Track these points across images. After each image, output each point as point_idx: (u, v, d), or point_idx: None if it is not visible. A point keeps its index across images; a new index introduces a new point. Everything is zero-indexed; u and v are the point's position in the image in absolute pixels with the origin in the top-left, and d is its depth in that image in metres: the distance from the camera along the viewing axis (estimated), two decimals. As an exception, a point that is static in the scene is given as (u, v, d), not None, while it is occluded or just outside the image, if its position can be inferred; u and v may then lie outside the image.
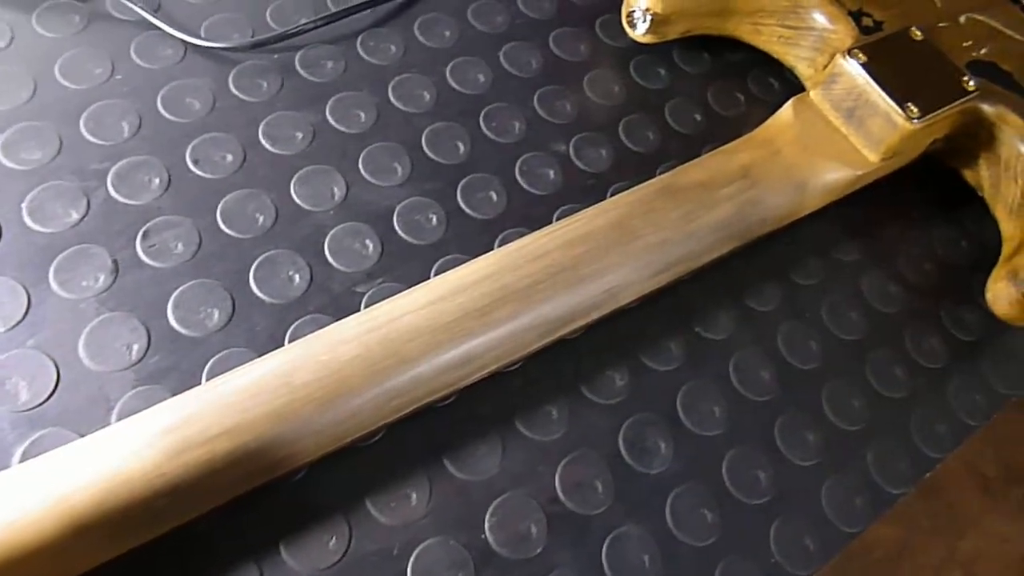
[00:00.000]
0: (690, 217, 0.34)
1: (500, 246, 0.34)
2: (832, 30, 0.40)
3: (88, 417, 0.29)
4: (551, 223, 0.33)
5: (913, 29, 0.38)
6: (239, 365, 0.28)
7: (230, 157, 0.36)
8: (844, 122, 0.37)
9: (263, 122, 0.37)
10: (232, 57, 0.39)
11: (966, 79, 0.37)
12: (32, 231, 0.32)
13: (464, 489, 0.30)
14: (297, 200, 0.35)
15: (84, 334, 0.30)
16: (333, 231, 0.35)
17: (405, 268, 0.34)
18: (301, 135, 0.37)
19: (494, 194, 0.37)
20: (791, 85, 0.44)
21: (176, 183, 0.35)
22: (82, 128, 0.35)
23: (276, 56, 0.40)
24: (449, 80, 0.41)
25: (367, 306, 0.32)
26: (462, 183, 0.37)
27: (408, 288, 0.31)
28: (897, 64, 0.37)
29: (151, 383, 0.30)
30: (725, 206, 0.34)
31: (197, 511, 0.27)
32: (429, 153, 0.38)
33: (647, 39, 0.42)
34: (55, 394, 0.29)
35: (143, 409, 0.26)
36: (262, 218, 0.34)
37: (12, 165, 0.34)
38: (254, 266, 0.33)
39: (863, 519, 0.32)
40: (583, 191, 0.38)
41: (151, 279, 0.32)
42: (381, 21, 0.42)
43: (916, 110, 0.35)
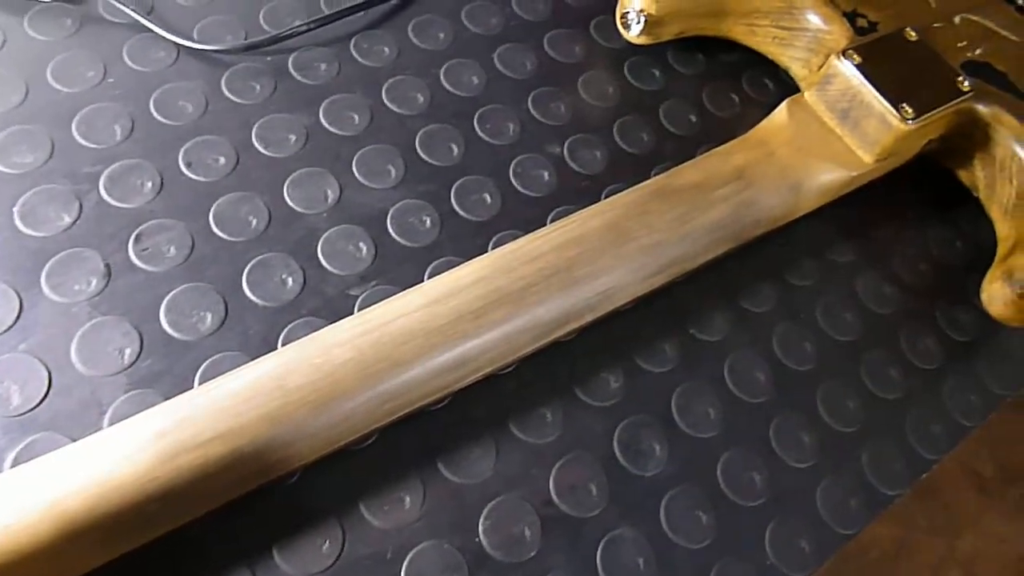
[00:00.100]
0: (685, 219, 0.34)
1: (494, 248, 0.34)
2: (827, 31, 0.40)
3: (80, 421, 0.29)
4: (545, 225, 0.33)
5: (908, 30, 0.38)
6: (232, 369, 0.28)
7: (223, 160, 0.36)
8: (839, 123, 0.37)
9: (256, 124, 0.37)
10: (225, 59, 0.39)
11: (961, 79, 0.37)
12: (24, 235, 0.32)
13: (458, 492, 0.30)
14: (290, 203, 0.35)
15: (76, 338, 0.30)
16: (326, 234, 0.34)
17: (399, 271, 0.34)
18: (294, 137, 0.37)
19: (488, 196, 0.37)
20: (786, 86, 0.44)
21: (169, 186, 0.34)
22: (74, 131, 0.35)
23: (269, 58, 0.39)
24: (443, 82, 0.41)
25: (361, 309, 0.32)
26: (456, 185, 0.37)
27: (402, 291, 0.31)
28: (892, 65, 0.37)
29: (144, 387, 0.30)
30: (720, 207, 0.34)
31: (190, 515, 0.26)
32: (423, 155, 0.38)
33: (641, 40, 0.42)
34: (47, 398, 0.29)
35: (136, 413, 0.26)
36: (255, 221, 0.34)
37: (4, 169, 0.34)
38: (247, 269, 0.33)
39: (858, 520, 0.32)
40: (578, 193, 0.38)
41: (144, 283, 0.32)
42: (375, 23, 0.42)
43: (911, 111, 0.35)
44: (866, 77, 0.36)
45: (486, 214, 0.37)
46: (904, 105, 0.35)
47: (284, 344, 0.31)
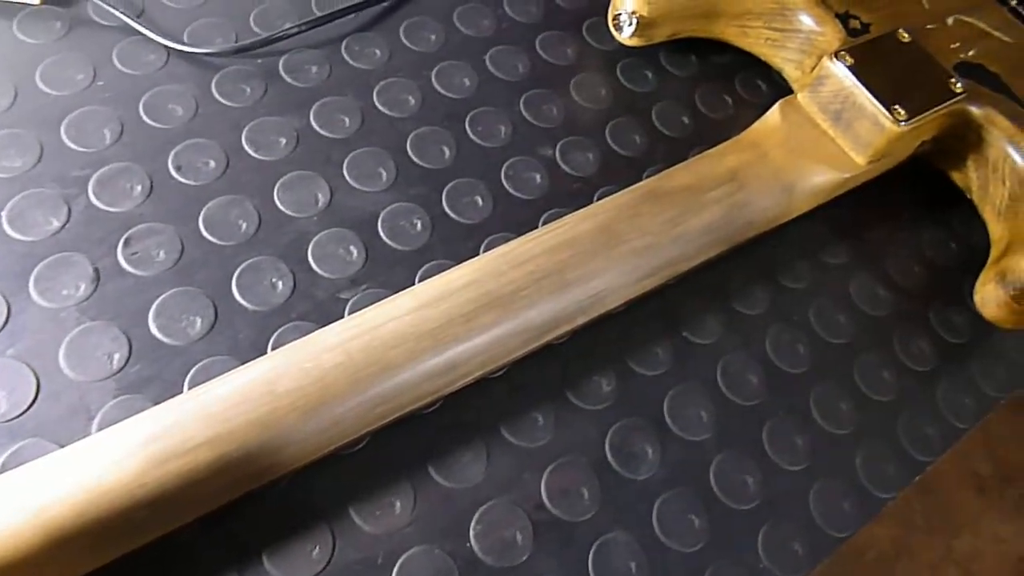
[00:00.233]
0: (677, 221, 0.34)
1: (485, 251, 0.34)
2: (819, 32, 0.39)
3: (69, 427, 0.29)
4: (537, 228, 0.33)
5: (900, 31, 0.38)
6: (222, 373, 0.28)
7: (213, 163, 0.35)
8: (832, 125, 0.37)
9: (246, 128, 0.37)
10: (215, 62, 0.39)
11: (953, 81, 0.37)
12: (12, 239, 0.32)
13: (449, 497, 0.30)
14: (280, 206, 0.35)
15: (65, 343, 0.30)
16: (317, 237, 0.34)
17: (389, 274, 0.34)
18: (285, 141, 0.37)
19: (479, 199, 0.37)
20: (779, 87, 0.44)
21: (158, 190, 0.34)
22: (63, 135, 0.35)
23: (260, 61, 0.39)
24: (434, 84, 0.41)
25: (351, 313, 0.32)
26: (447, 188, 0.37)
27: (393, 294, 0.30)
28: (884, 66, 0.37)
29: (132, 392, 0.30)
30: (712, 209, 0.34)
31: (179, 521, 0.26)
32: (414, 158, 0.38)
33: (633, 42, 0.42)
34: (35, 404, 0.29)
35: (124, 419, 0.26)
36: (245, 225, 0.34)
37: (-8, 173, 0.34)
38: (237, 273, 0.33)
39: (852, 523, 0.32)
40: (570, 195, 0.38)
41: (133, 287, 0.32)
42: (366, 25, 0.42)
43: (903, 112, 0.35)
44: (859, 79, 0.36)
45: (477, 217, 0.36)
46: (897, 107, 0.35)
47: (274, 348, 0.31)
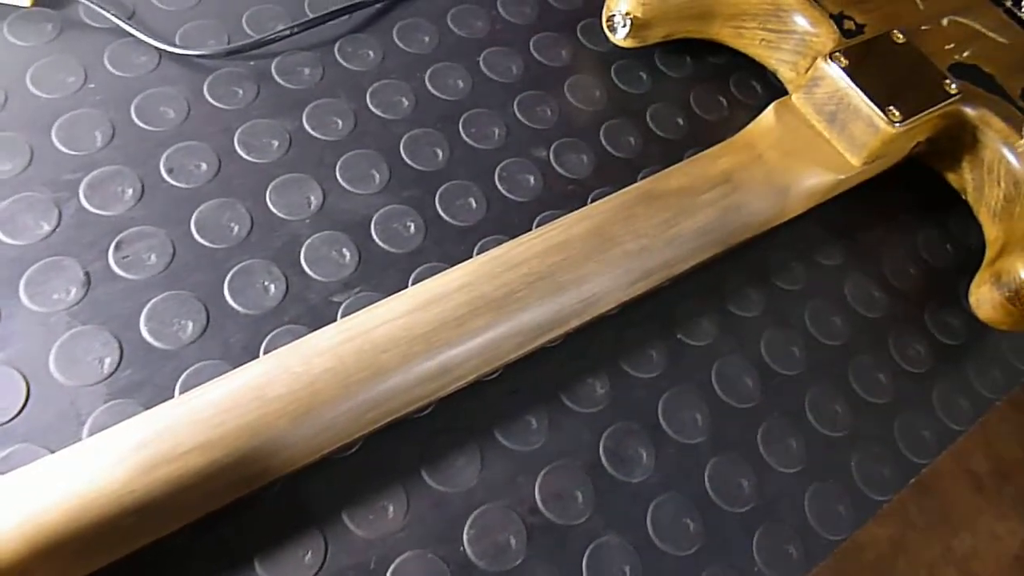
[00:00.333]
0: (671, 223, 0.33)
1: (479, 254, 0.33)
2: (814, 33, 0.39)
3: (59, 433, 0.28)
4: (531, 230, 0.33)
5: (895, 32, 0.38)
6: (213, 378, 0.28)
7: (205, 166, 0.35)
8: (826, 126, 0.37)
9: (238, 130, 0.37)
10: (207, 64, 0.39)
11: (948, 82, 0.37)
12: (2, 243, 0.32)
13: (442, 501, 0.30)
14: (273, 209, 0.35)
15: (55, 348, 0.30)
16: (309, 240, 0.34)
17: (383, 277, 0.34)
18: (277, 143, 0.37)
19: (473, 201, 0.37)
20: (774, 88, 0.44)
21: (150, 193, 0.34)
22: (54, 138, 0.35)
23: (252, 63, 0.39)
24: (428, 86, 0.40)
25: (344, 316, 0.32)
26: (440, 190, 0.37)
27: (386, 297, 0.30)
28: (879, 67, 0.37)
29: (123, 397, 0.29)
30: (706, 211, 0.34)
31: (169, 528, 0.26)
32: (407, 160, 0.37)
33: (628, 43, 0.42)
34: (25, 409, 0.29)
35: (115, 424, 0.26)
36: (237, 228, 0.34)
37: (-17, 176, 0.33)
38: (229, 276, 0.33)
39: (847, 526, 0.32)
40: (564, 197, 0.38)
41: (124, 291, 0.31)
42: (359, 27, 0.42)
43: (898, 114, 0.35)
44: (853, 80, 0.36)
45: (471, 219, 0.36)
46: (891, 108, 0.35)
47: (266, 352, 0.31)
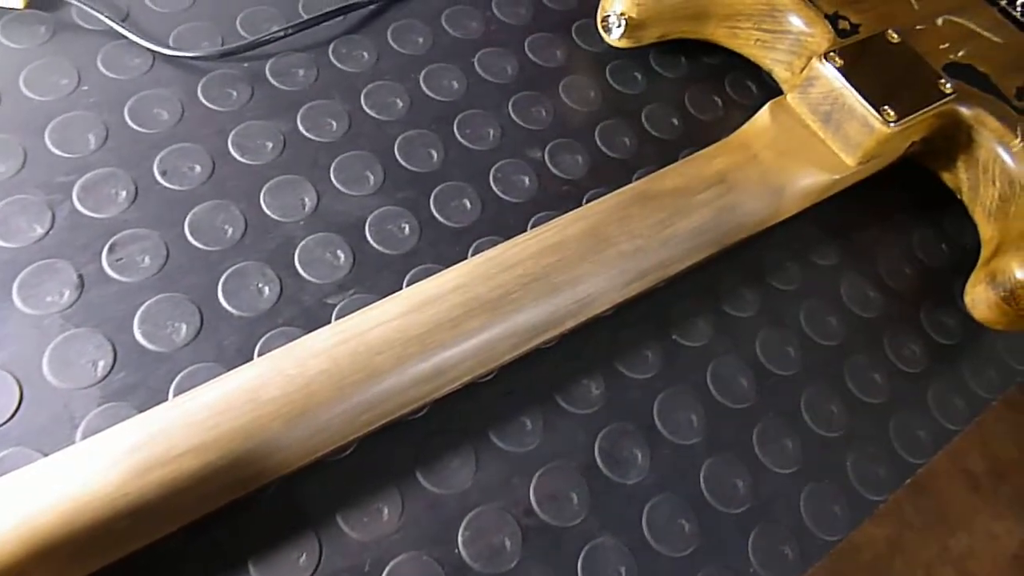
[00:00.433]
0: (665, 224, 0.33)
1: (474, 255, 0.33)
2: (809, 33, 0.39)
3: (52, 436, 0.28)
4: (526, 231, 0.33)
5: (890, 32, 0.38)
6: (207, 380, 0.28)
7: (198, 168, 0.35)
8: (821, 126, 0.37)
9: (232, 132, 0.37)
10: (201, 66, 0.39)
11: (943, 82, 0.37)
12: (-4, 246, 0.32)
13: (437, 503, 0.29)
14: (267, 211, 0.35)
15: (48, 351, 0.30)
16: (304, 242, 0.34)
17: (377, 279, 0.34)
18: (271, 144, 0.37)
19: (468, 202, 0.37)
20: (769, 88, 0.44)
21: (143, 195, 0.34)
22: (47, 140, 0.35)
23: (246, 65, 0.39)
24: (423, 87, 0.40)
25: (338, 318, 0.32)
26: (435, 191, 0.37)
27: (380, 299, 0.30)
28: (874, 67, 0.37)
29: (117, 400, 0.29)
30: (701, 212, 0.34)
31: (163, 531, 0.26)
32: (402, 161, 0.37)
33: (623, 44, 0.42)
34: (18, 413, 0.28)
35: (109, 427, 0.26)
36: (231, 230, 0.34)
37: (-24, 179, 0.33)
38: (223, 279, 0.33)
39: (843, 526, 0.32)
40: (559, 198, 0.38)
41: (117, 294, 0.31)
42: (354, 28, 0.42)
43: (893, 114, 0.35)
44: (848, 80, 0.36)
45: (466, 220, 0.36)
46: (886, 108, 0.35)
47: (260, 354, 0.31)
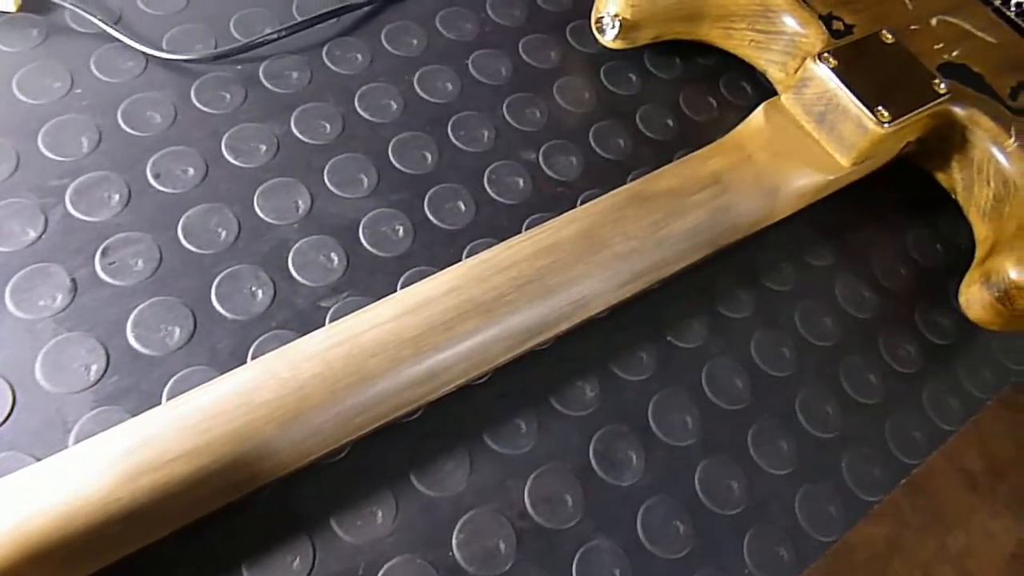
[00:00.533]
0: (660, 225, 0.33)
1: (468, 257, 0.33)
2: (803, 34, 0.39)
3: (45, 440, 0.28)
4: (520, 233, 0.33)
5: (884, 32, 0.38)
6: (201, 384, 0.27)
7: (192, 171, 0.35)
8: (816, 127, 0.37)
9: (226, 135, 0.37)
10: (195, 69, 0.38)
11: (937, 82, 0.37)
12: (-12, 250, 0.32)
13: (431, 505, 0.29)
14: (260, 214, 0.35)
15: (41, 355, 0.30)
16: (297, 245, 0.34)
17: (371, 281, 0.34)
18: (265, 147, 0.37)
19: (462, 204, 0.37)
20: (764, 89, 0.44)
21: (136, 199, 0.34)
22: (40, 144, 0.35)
23: (240, 67, 0.39)
24: (417, 89, 0.40)
25: (332, 321, 0.32)
26: (429, 193, 0.37)
27: (374, 302, 0.30)
28: (868, 68, 0.37)
29: (110, 404, 0.29)
30: (696, 213, 0.34)
31: (155, 536, 0.26)
32: (396, 163, 0.37)
33: (617, 45, 0.42)
34: (11, 417, 0.28)
35: (102, 431, 0.26)
36: (224, 233, 0.34)
37: (-32, 183, 0.33)
38: (216, 282, 0.32)
39: (838, 527, 0.32)
40: (553, 199, 0.38)
41: (110, 297, 0.31)
42: (348, 30, 0.42)
43: (887, 114, 0.35)
44: (842, 80, 0.36)
45: (460, 222, 0.36)
46: (880, 108, 0.35)
47: (254, 358, 0.31)
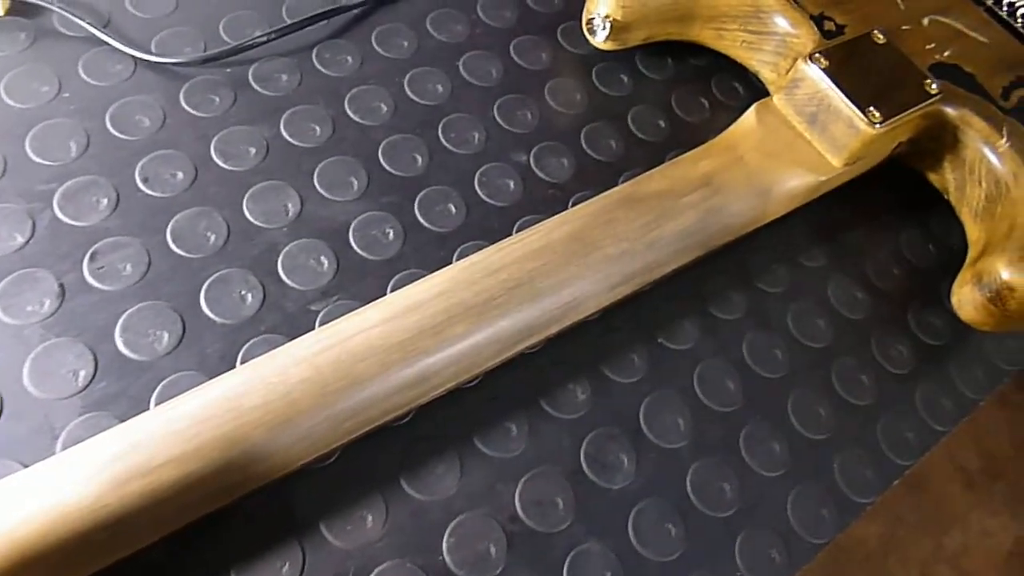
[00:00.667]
0: (651, 226, 0.33)
1: (458, 260, 0.33)
2: (794, 34, 0.39)
3: (32, 447, 0.28)
4: (511, 235, 0.33)
5: (875, 32, 0.38)
6: (190, 389, 0.27)
7: (180, 175, 0.35)
8: (807, 127, 0.37)
9: (215, 138, 0.36)
10: (183, 72, 0.38)
11: (929, 82, 0.37)
12: (-25, 255, 0.32)
13: (421, 509, 0.29)
14: (250, 217, 0.34)
15: (28, 361, 0.29)
16: (287, 248, 0.34)
17: (361, 285, 0.34)
18: (254, 150, 0.36)
19: (452, 207, 0.37)
20: (756, 89, 0.44)
21: (125, 203, 0.34)
22: (27, 148, 0.34)
23: (229, 70, 0.39)
24: (407, 91, 0.40)
25: (322, 324, 0.32)
26: (420, 196, 0.37)
27: (364, 305, 0.30)
28: (859, 68, 0.36)
29: (98, 410, 0.29)
30: (687, 214, 0.34)
31: (143, 542, 0.26)
32: (386, 166, 0.37)
33: (608, 46, 0.42)
34: (-2, 423, 0.28)
35: (89, 437, 0.26)
36: (213, 236, 0.34)
37: (-45, 188, 0.33)
38: (205, 286, 0.32)
39: (830, 529, 0.32)
40: (544, 201, 0.38)
41: (98, 302, 0.31)
42: (338, 32, 0.42)
43: (878, 115, 0.35)
44: (833, 81, 0.36)
45: (450, 225, 0.36)
46: (872, 109, 0.35)
47: (243, 362, 0.31)
